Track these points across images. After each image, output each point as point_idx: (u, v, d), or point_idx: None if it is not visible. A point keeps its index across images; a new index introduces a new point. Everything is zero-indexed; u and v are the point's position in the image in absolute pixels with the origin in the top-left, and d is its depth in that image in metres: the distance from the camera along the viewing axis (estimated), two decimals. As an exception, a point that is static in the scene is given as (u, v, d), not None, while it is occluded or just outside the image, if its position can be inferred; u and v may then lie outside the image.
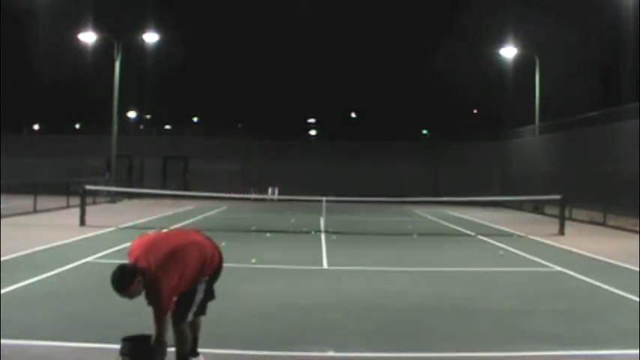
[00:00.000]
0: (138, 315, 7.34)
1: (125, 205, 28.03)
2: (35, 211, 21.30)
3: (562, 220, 18.14)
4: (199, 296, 5.27)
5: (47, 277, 9.51)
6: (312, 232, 17.16)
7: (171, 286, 4.92)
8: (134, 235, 16.52)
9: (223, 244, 13.93)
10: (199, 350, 5.52)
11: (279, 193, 28.40)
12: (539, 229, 18.69)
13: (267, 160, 36.30)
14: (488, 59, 39.80)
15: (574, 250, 14.19)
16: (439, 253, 13.80)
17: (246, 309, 7.82)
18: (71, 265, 10.63)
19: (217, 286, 5.57)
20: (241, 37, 68.74)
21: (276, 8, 64.18)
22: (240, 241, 14.81)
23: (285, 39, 62.17)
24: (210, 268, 5.35)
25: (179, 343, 5.22)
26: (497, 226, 20.07)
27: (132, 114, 60.18)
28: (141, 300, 4.68)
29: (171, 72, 53.20)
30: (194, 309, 5.25)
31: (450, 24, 51.58)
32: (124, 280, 4.90)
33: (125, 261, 5.13)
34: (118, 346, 4.94)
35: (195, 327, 5.43)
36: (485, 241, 16.04)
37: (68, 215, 20.01)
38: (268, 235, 16.53)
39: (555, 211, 21.21)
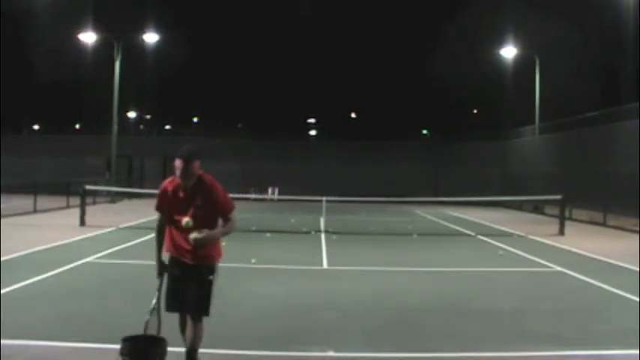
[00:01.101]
0: (138, 315, 7.35)
1: (125, 205, 28.02)
2: (35, 211, 21.30)
3: (562, 220, 18.14)
4: (215, 283, 5.25)
5: (47, 277, 9.51)
6: (312, 232, 17.17)
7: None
8: (134, 235, 16.51)
9: (223, 244, 13.98)
10: (206, 351, 5.51)
11: (279, 193, 28.41)
12: (539, 229, 18.69)
13: (267, 160, 36.29)
14: (489, 59, 39.85)
15: (574, 250, 14.19)
16: (439, 253, 13.80)
17: (246, 309, 7.82)
18: (71, 265, 10.63)
19: (217, 286, 5.57)
20: (241, 37, 68.76)
21: (276, 8, 64.19)
22: (240, 241, 14.78)
23: (285, 39, 62.20)
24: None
25: (200, 339, 5.18)
26: (497, 226, 20.07)
27: (132, 114, 60.20)
28: (140, 300, 4.66)
29: (171, 72, 53.22)
30: (212, 300, 5.18)
31: (450, 24, 51.56)
32: (196, 151, 5.14)
33: (126, 262, 5.15)
34: (118, 346, 4.95)
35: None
36: (486, 241, 16.04)
37: (68, 215, 20.00)
38: (268, 235, 16.53)
39: (555, 211, 21.20)
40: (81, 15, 36.94)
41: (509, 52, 34.17)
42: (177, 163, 5.06)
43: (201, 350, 5.67)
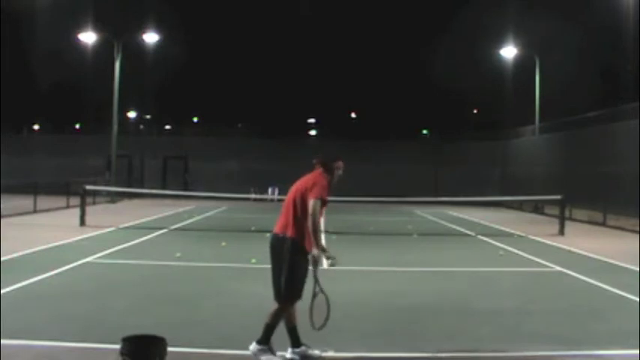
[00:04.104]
0: (138, 315, 7.35)
1: (125, 205, 28.02)
2: (35, 211, 21.30)
3: (562, 220, 18.13)
4: None
5: (47, 277, 9.50)
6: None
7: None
8: (134, 235, 16.49)
9: (223, 244, 14.01)
10: (205, 351, 5.52)
11: (279, 193, 28.38)
12: (539, 229, 18.69)
13: (267, 160, 36.28)
14: (489, 59, 39.84)
15: (574, 250, 14.19)
16: (439, 253, 13.80)
17: (246, 309, 7.81)
18: (71, 265, 10.62)
19: (216, 286, 5.58)
20: (241, 37, 68.75)
21: (276, 8, 64.18)
22: (240, 241, 14.80)
23: (285, 39, 62.17)
24: None
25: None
26: (497, 226, 20.06)
27: (132, 114, 60.16)
28: (140, 300, 4.70)
29: (171, 72, 53.17)
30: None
31: (450, 24, 51.53)
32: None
33: (126, 262, 5.15)
34: (118, 346, 4.94)
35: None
36: (485, 241, 16.03)
37: (68, 215, 20.00)
38: (268, 235, 16.46)
39: (555, 211, 21.20)
40: (81, 15, 36.92)
41: (509, 52, 34.17)
42: (342, 164, 6.18)
43: (201, 350, 5.71)
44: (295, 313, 5.82)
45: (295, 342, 5.80)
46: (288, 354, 5.78)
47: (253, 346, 5.68)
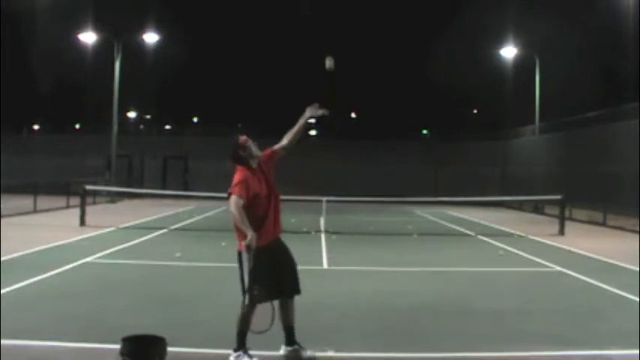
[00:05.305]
0: (138, 315, 7.35)
1: (125, 205, 28.02)
2: (35, 211, 21.30)
3: (562, 220, 18.13)
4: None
5: (47, 277, 9.50)
6: (312, 232, 17.14)
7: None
8: (134, 235, 16.49)
9: (223, 244, 14.01)
10: (205, 351, 5.52)
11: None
12: (539, 229, 18.68)
13: (266, 160, 36.18)
14: (489, 59, 39.84)
15: (574, 250, 14.19)
16: (439, 253, 13.80)
17: (246, 309, 7.80)
18: (71, 265, 10.63)
19: (216, 286, 5.58)
20: (241, 37, 68.77)
21: (276, 8, 64.21)
22: (240, 241, 14.77)
23: (284, 39, 62.20)
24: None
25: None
26: (497, 226, 20.06)
27: (132, 114, 60.18)
28: (140, 300, 4.73)
29: (171, 72, 53.19)
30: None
31: (450, 24, 51.52)
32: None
33: (126, 262, 5.15)
34: (117, 346, 4.94)
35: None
36: (486, 241, 16.03)
37: (68, 215, 20.00)
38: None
39: (555, 211, 21.20)
40: (81, 15, 36.90)
41: (509, 52, 34.17)
42: (244, 137, 6.01)
43: (201, 350, 5.71)
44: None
45: (290, 340, 5.80)
46: (282, 351, 5.78)
47: (232, 357, 5.67)
